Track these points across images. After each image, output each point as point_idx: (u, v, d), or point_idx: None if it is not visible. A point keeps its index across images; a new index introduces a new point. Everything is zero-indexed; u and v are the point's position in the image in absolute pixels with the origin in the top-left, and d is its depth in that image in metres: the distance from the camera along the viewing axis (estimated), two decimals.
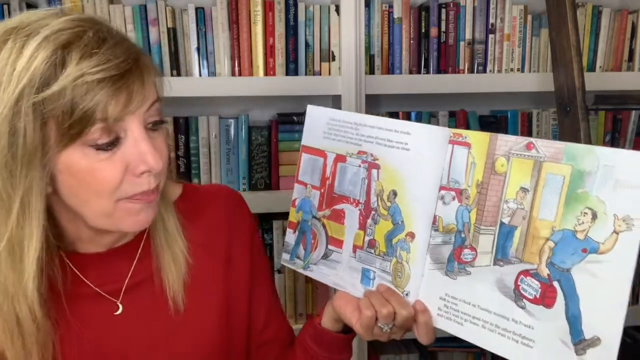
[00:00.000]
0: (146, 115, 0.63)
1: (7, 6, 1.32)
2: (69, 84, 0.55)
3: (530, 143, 0.63)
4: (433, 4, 1.44)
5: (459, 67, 1.48)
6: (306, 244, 0.81)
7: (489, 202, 0.66)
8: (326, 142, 0.79)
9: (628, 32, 1.53)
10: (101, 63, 0.57)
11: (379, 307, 0.69)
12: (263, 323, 0.83)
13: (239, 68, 1.40)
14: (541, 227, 0.62)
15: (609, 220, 0.57)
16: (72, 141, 0.58)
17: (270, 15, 1.39)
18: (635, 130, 1.58)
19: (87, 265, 0.71)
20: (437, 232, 0.70)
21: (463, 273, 0.68)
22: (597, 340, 0.58)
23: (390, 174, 0.72)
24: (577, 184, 0.59)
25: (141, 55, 0.62)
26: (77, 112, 0.56)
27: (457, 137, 0.68)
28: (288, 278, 1.48)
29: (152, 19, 1.36)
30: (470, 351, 1.61)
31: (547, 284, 0.61)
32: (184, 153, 1.44)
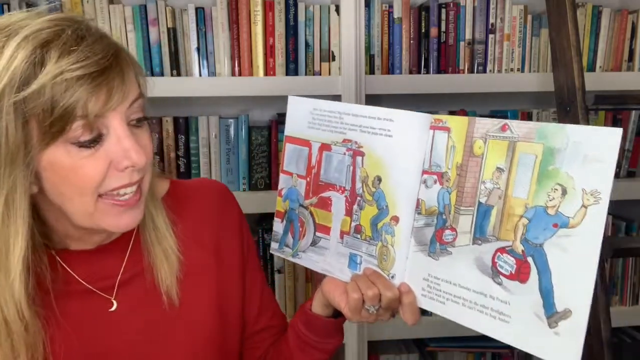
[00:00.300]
0: (129, 111, 0.63)
1: (7, 6, 1.32)
2: (48, 82, 0.56)
3: (505, 124, 0.65)
4: (433, 4, 1.44)
5: (459, 67, 1.48)
6: (294, 232, 0.83)
7: (467, 184, 0.68)
8: (311, 132, 0.80)
9: (628, 32, 1.52)
10: (80, 60, 0.57)
11: (365, 289, 0.71)
12: (256, 312, 0.85)
13: (239, 68, 1.40)
14: (516, 205, 0.64)
15: (578, 194, 0.59)
16: (54, 139, 0.58)
17: (270, 15, 1.39)
18: (635, 130, 1.58)
19: (77, 262, 0.71)
20: (420, 215, 0.72)
21: (445, 253, 0.70)
22: (568, 312, 0.60)
23: (374, 160, 0.74)
24: (548, 161, 0.61)
25: (121, 52, 0.63)
26: (57, 110, 0.57)
27: (437, 122, 0.70)
28: (288, 278, 1.48)
29: (152, 19, 1.36)
30: (470, 351, 1.61)
31: (522, 260, 0.63)
32: (184, 153, 1.44)
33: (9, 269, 0.62)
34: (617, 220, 1.62)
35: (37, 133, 0.58)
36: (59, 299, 0.69)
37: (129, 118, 0.63)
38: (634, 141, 1.58)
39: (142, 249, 0.74)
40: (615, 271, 1.59)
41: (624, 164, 1.59)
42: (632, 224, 1.60)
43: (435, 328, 1.54)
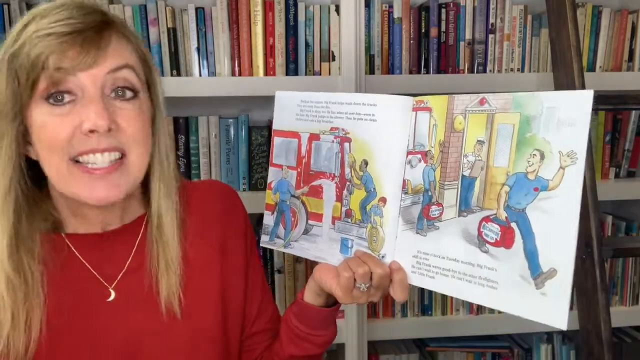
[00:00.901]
0: (109, 79, 0.66)
1: (7, 6, 1.32)
2: (27, 39, 0.63)
3: (483, 98, 0.68)
4: (433, 4, 1.44)
5: (459, 67, 1.48)
6: (286, 223, 0.84)
7: (450, 159, 0.70)
8: (299, 124, 0.82)
9: (628, 32, 1.52)
10: (54, 21, 0.63)
11: (356, 267, 0.72)
12: (255, 314, 0.85)
13: (239, 68, 1.40)
14: (497, 174, 0.66)
15: (555, 157, 0.61)
16: (32, 95, 0.64)
17: (270, 15, 1.39)
18: (635, 130, 1.58)
19: (86, 246, 0.73)
20: (407, 194, 0.74)
21: (432, 229, 0.72)
22: (553, 272, 0.62)
23: (360, 145, 0.76)
24: (525, 129, 0.64)
25: (114, 24, 0.68)
26: (28, 63, 0.63)
27: (419, 103, 0.73)
28: (288, 278, 1.48)
29: (152, 19, 1.36)
30: (470, 351, 1.61)
31: (506, 227, 0.65)
32: (184, 153, 1.44)
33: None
34: (617, 220, 1.62)
35: (22, 89, 0.64)
36: (66, 281, 0.71)
37: (109, 84, 0.66)
38: (634, 141, 1.58)
39: (146, 244, 0.75)
40: (615, 271, 1.59)
41: (624, 164, 1.59)
42: (632, 224, 1.60)
43: (435, 328, 1.54)
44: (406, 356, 1.57)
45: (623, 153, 1.59)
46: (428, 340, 1.62)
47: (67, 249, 0.72)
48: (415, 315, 1.55)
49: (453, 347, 1.60)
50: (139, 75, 0.70)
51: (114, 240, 0.74)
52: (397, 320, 1.54)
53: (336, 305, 0.81)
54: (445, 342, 1.60)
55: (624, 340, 1.63)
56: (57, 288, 0.70)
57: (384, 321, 1.53)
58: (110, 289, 0.73)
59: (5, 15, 1.31)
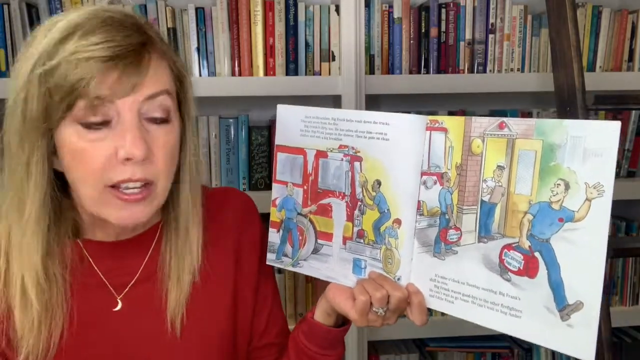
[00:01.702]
0: (146, 105, 0.64)
1: (7, 6, 1.32)
2: (64, 59, 0.60)
3: (502, 122, 0.66)
4: (433, 4, 1.44)
5: (459, 67, 1.48)
6: (293, 241, 0.82)
7: (469, 183, 0.68)
8: (304, 140, 0.80)
9: (628, 32, 1.52)
10: (95, 43, 0.60)
11: (373, 291, 0.70)
12: (263, 327, 0.83)
13: (239, 68, 1.40)
14: (519, 201, 0.64)
15: (581, 188, 0.60)
16: (64, 115, 0.62)
17: (270, 15, 1.39)
18: (635, 130, 1.58)
19: (99, 253, 0.73)
20: (422, 216, 0.72)
21: (450, 253, 0.70)
22: (580, 304, 0.61)
23: (372, 164, 0.74)
24: (548, 157, 0.62)
25: (154, 46, 0.65)
26: (66, 85, 0.60)
27: (433, 123, 0.71)
28: (288, 278, 1.48)
29: (152, 19, 1.36)
30: (470, 351, 1.61)
31: (529, 256, 0.64)
32: None
33: (23, 221, 0.66)
34: (617, 220, 1.62)
35: (54, 107, 0.62)
36: (77, 287, 0.71)
37: (145, 113, 0.64)
38: (634, 141, 1.58)
39: (159, 259, 0.74)
40: (615, 271, 1.59)
41: (624, 164, 1.59)
42: (632, 224, 1.60)
43: (435, 328, 1.54)
44: (406, 356, 1.57)
45: (623, 153, 1.59)
46: (428, 340, 1.62)
47: (82, 255, 0.72)
48: None
49: (453, 347, 1.60)
50: (173, 97, 0.68)
51: (128, 248, 0.74)
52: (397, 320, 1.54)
53: (346, 325, 0.79)
54: (445, 342, 1.60)
55: (624, 340, 1.63)
56: (72, 295, 0.70)
57: None
58: (118, 299, 0.73)
59: (5, 15, 1.31)
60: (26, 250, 0.66)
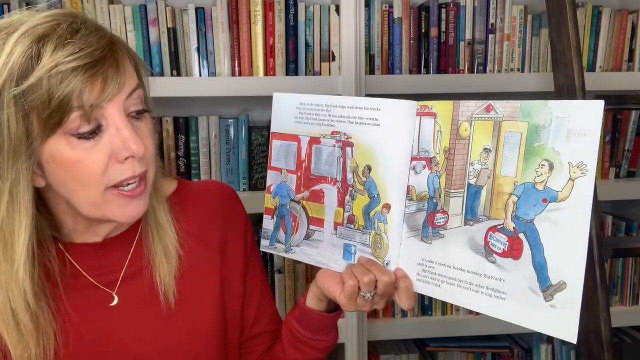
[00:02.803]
0: (128, 102, 0.64)
1: (7, 6, 1.32)
2: (44, 75, 0.58)
3: (489, 105, 0.66)
4: (433, 4, 1.44)
5: (459, 67, 1.48)
6: (286, 227, 0.83)
7: (456, 166, 0.69)
8: (298, 127, 0.80)
9: (628, 32, 1.52)
10: (74, 52, 0.59)
11: (361, 275, 0.71)
12: (253, 316, 0.85)
13: (239, 68, 1.40)
14: (504, 183, 0.65)
15: (565, 168, 0.60)
16: (54, 131, 0.60)
17: (270, 15, 1.39)
18: (635, 130, 1.58)
19: (83, 256, 0.73)
20: (411, 201, 0.72)
21: (437, 237, 0.70)
22: (563, 285, 0.61)
23: (363, 150, 0.75)
24: (533, 138, 0.62)
25: (117, 44, 0.64)
26: (54, 102, 0.58)
27: (423, 108, 0.71)
28: (288, 278, 1.48)
29: (152, 19, 1.36)
30: (470, 351, 1.61)
31: (514, 237, 0.64)
32: (184, 153, 1.44)
33: (14, 258, 0.64)
34: (617, 220, 1.62)
35: (38, 125, 0.60)
36: (66, 292, 0.70)
37: (128, 109, 0.65)
38: (634, 141, 1.58)
39: (143, 245, 0.75)
40: (615, 271, 1.59)
41: (623, 164, 1.59)
42: (632, 224, 1.60)
43: (435, 328, 1.54)
44: (406, 356, 1.57)
45: (623, 153, 1.59)
46: (428, 340, 1.62)
47: (65, 260, 0.72)
48: (415, 315, 1.55)
49: (453, 347, 1.60)
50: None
51: (111, 247, 0.74)
52: (397, 320, 1.54)
53: (338, 310, 0.80)
54: (445, 342, 1.60)
55: (624, 340, 1.63)
56: (62, 300, 0.70)
57: (384, 321, 1.53)
58: (114, 294, 0.74)
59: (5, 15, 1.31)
60: (15, 282, 0.65)
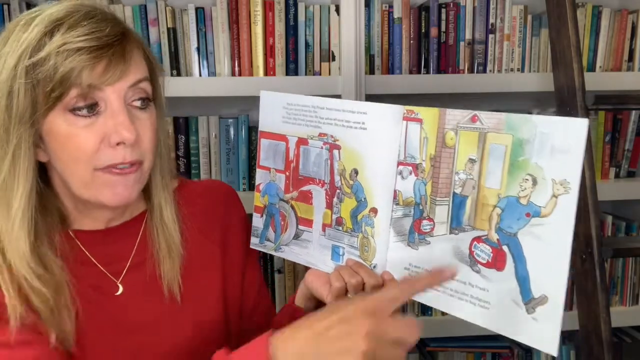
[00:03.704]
0: (131, 91, 0.67)
1: (7, 6, 1.32)
2: (53, 51, 0.63)
3: (474, 116, 0.66)
4: (433, 4, 1.44)
5: (459, 67, 1.48)
6: (275, 226, 0.83)
7: (442, 175, 0.69)
8: (286, 127, 0.81)
9: (628, 32, 1.52)
10: (83, 34, 0.63)
11: (348, 278, 0.72)
12: (250, 310, 0.86)
13: (239, 68, 1.40)
14: (489, 195, 0.65)
15: (548, 184, 0.60)
16: (54, 105, 0.64)
17: (270, 15, 1.39)
18: (635, 130, 1.58)
19: (92, 242, 0.75)
20: (398, 205, 0.73)
21: (423, 243, 0.71)
22: (544, 299, 0.61)
23: (350, 153, 0.75)
24: (517, 152, 0.62)
25: (131, 36, 0.69)
26: (56, 76, 0.63)
27: (410, 113, 0.71)
28: (288, 278, 1.48)
29: (152, 19, 1.36)
30: (470, 351, 1.61)
31: (498, 249, 0.64)
32: (184, 153, 1.44)
33: (11, 215, 0.67)
34: (617, 220, 1.62)
35: (42, 98, 0.64)
36: (76, 277, 0.71)
37: (130, 97, 0.68)
38: (634, 141, 1.58)
39: (147, 239, 0.77)
40: (615, 271, 1.59)
41: (623, 164, 1.59)
42: (632, 224, 1.60)
43: (435, 328, 1.54)
44: (406, 356, 1.57)
45: (623, 153, 1.59)
46: (428, 340, 1.62)
47: (74, 245, 0.74)
48: (415, 316, 1.55)
49: (453, 347, 1.60)
50: (150, 85, 0.72)
51: (117, 235, 0.76)
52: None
53: None
54: (445, 342, 1.60)
55: (624, 340, 1.63)
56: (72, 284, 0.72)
57: None
58: (118, 283, 0.75)
59: (5, 15, 1.31)
60: (15, 242, 0.67)
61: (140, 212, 0.79)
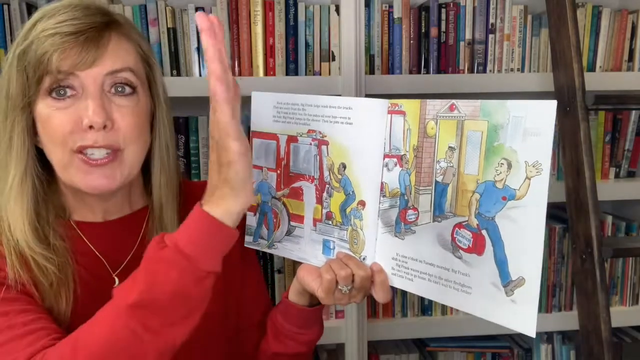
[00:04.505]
0: (109, 79, 0.70)
1: (7, 6, 1.32)
2: (35, 37, 0.68)
3: (452, 104, 0.68)
4: (433, 4, 1.44)
5: (459, 67, 1.48)
6: (268, 224, 0.84)
7: (424, 164, 0.71)
8: (277, 125, 0.82)
9: (628, 32, 1.52)
10: (59, 21, 0.67)
11: (338, 270, 0.73)
12: (250, 307, 0.87)
13: (239, 68, 1.40)
14: (468, 181, 0.67)
15: (522, 167, 0.62)
16: (37, 89, 0.68)
17: (270, 15, 1.39)
18: (635, 130, 1.58)
19: (92, 234, 0.76)
20: (385, 197, 0.74)
21: (409, 233, 0.72)
22: (522, 280, 0.63)
23: (337, 148, 0.76)
24: (493, 138, 0.64)
25: (117, 26, 0.71)
26: (35, 61, 0.67)
27: (394, 106, 0.73)
28: (288, 278, 1.48)
29: (152, 19, 1.36)
30: (470, 351, 1.61)
31: (477, 233, 0.66)
32: (184, 153, 1.44)
33: (6, 190, 0.71)
34: (617, 220, 1.62)
35: (29, 83, 0.68)
36: (77, 263, 0.73)
37: (108, 85, 0.70)
38: (634, 141, 1.58)
39: (148, 235, 0.77)
40: (615, 271, 1.59)
41: (623, 164, 1.59)
42: (632, 224, 1.60)
43: (435, 328, 1.54)
44: (406, 356, 1.57)
45: (623, 153, 1.59)
46: (428, 340, 1.62)
47: (75, 234, 0.75)
48: (415, 315, 1.55)
49: (453, 347, 1.60)
50: (139, 75, 0.73)
51: (118, 229, 0.77)
52: (397, 320, 1.54)
53: (320, 305, 0.82)
54: (445, 342, 1.60)
55: (624, 340, 1.63)
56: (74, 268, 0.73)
57: (384, 321, 1.53)
58: (114, 275, 0.76)
59: (5, 15, 1.31)
60: (13, 219, 0.70)
61: (142, 208, 0.80)
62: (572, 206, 1.23)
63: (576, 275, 1.22)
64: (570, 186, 1.24)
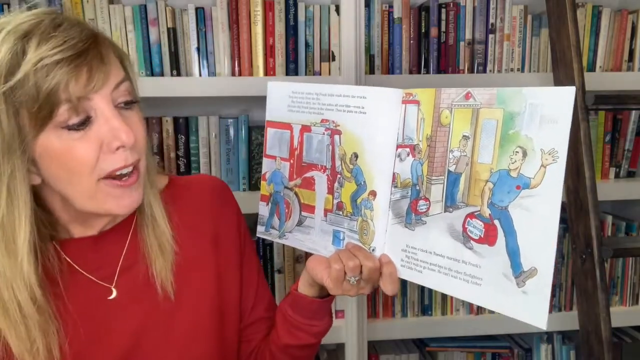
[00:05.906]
0: (115, 94, 0.66)
1: (7, 6, 1.32)
2: (30, 69, 0.59)
3: (468, 93, 0.67)
4: (433, 4, 1.44)
5: (459, 67, 1.48)
6: (280, 214, 0.85)
7: (437, 154, 0.70)
8: (291, 115, 0.82)
9: (628, 32, 1.52)
10: (57, 45, 0.60)
11: (346, 260, 0.73)
12: (251, 304, 0.87)
13: (239, 68, 1.40)
14: (481, 170, 0.66)
15: (537, 155, 0.61)
16: (44, 124, 0.61)
17: (270, 15, 1.39)
18: (635, 130, 1.58)
19: (79, 252, 0.73)
20: (396, 188, 0.74)
21: (420, 223, 0.72)
22: (534, 271, 0.62)
23: (350, 137, 0.76)
24: (508, 126, 0.63)
25: (99, 36, 0.66)
26: (42, 95, 0.59)
27: (408, 96, 0.72)
28: (288, 278, 1.48)
29: (152, 19, 1.36)
30: (470, 351, 1.61)
31: (489, 223, 0.65)
32: (184, 153, 1.44)
33: (17, 252, 0.65)
34: (617, 220, 1.62)
35: (29, 120, 0.61)
36: (66, 289, 0.71)
37: (116, 100, 0.66)
38: (634, 141, 1.58)
39: (139, 238, 0.76)
40: (615, 271, 1.59)
41: (623, 164, 1.59)
42: (632, 224, 1.60)
43: (435, 328, 1.54)
44: (406, 356, 1.57)
45: (623, 153, 1.59)
46: (428, 340, 1.62)
47: (61, 257, 0.72)
48: (415, 315, 1.55)
49: (453, 347, 1.60)
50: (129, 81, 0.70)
51: (106, 240, 0.75)
52: (397, 320, 1.54)
53: (329, 296, 0.82)
54: (445, 342, 1.60)
55: (624, 340, 1.63)
56: (62, 298, 0.71)
57: (384, 321, 1.53)
58: (112, 287, 0.74)
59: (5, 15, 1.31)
60: (19, 273, 0.65)
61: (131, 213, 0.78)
62: (572, 206, 1.23)
63: (576, 275, 1.22)
64: (570, 186, 1.24)
